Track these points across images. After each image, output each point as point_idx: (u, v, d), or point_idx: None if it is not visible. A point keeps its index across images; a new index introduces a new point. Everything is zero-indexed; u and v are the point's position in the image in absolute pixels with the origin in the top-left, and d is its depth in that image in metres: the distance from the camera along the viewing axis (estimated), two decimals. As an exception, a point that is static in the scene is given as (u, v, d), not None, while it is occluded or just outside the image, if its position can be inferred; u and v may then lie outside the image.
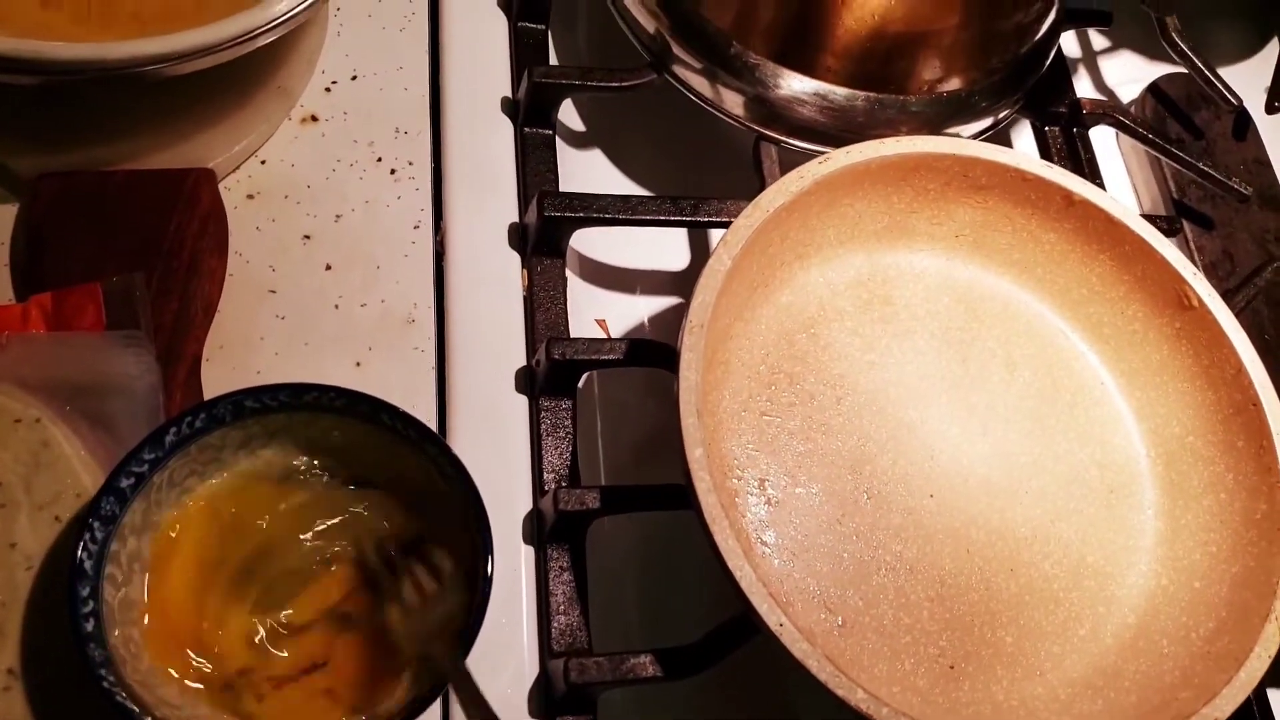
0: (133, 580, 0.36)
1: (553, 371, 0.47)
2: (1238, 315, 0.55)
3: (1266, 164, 0.65)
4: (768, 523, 0.45)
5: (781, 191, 0.46)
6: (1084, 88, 0.70)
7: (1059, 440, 0.49)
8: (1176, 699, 0.41)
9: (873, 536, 0.45)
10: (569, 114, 0.59)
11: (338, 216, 0.50)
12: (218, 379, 0.45)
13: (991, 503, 0.47)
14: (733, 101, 0.54)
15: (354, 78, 0.53)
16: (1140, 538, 0.48)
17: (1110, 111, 0.60)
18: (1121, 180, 0.67)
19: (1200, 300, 0.48)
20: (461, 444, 0.46)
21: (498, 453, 0.47)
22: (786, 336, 0.49)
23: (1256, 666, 0.41)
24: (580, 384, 0.51)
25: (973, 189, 0.50)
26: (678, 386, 0.41)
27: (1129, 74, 0.70)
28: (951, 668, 0.44)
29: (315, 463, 0.40)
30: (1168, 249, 0.49)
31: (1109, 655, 0.45)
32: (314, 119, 0.51)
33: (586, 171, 0.58)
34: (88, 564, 0.34)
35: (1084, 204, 0.49)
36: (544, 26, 0.58)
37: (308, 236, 0.49)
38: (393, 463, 0.40)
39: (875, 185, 0.49)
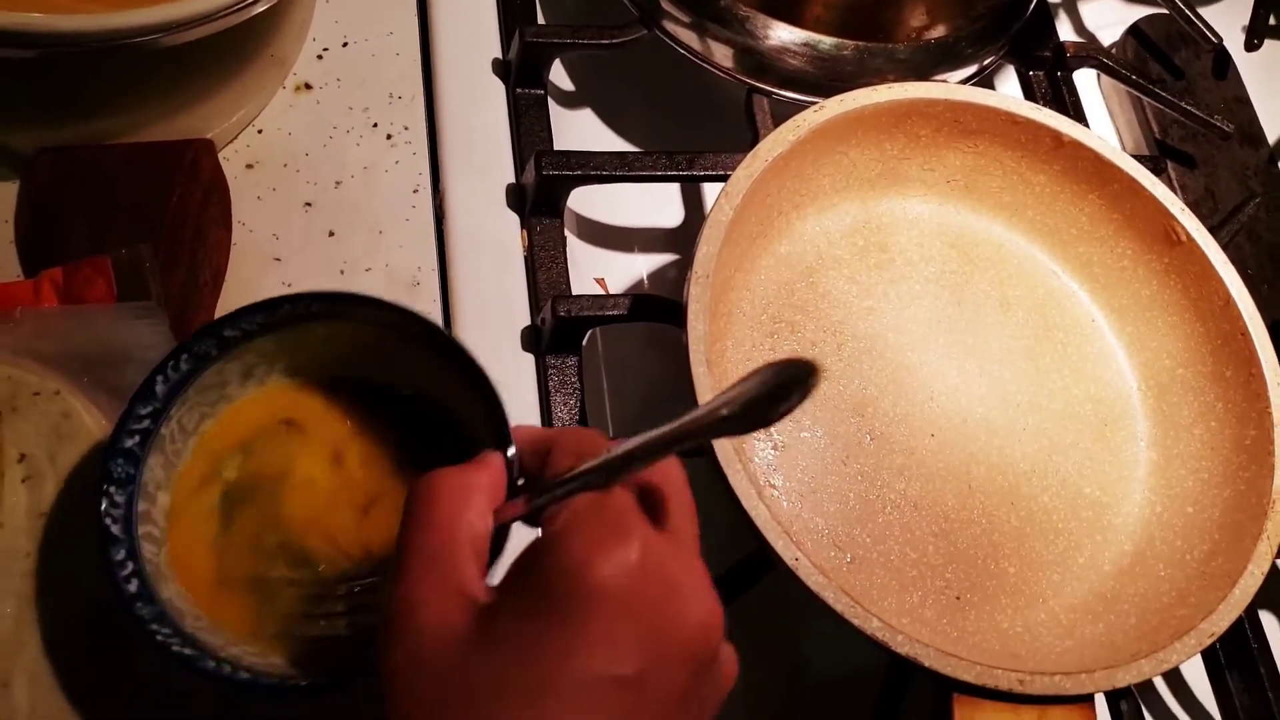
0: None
1: (559, 329, 0.48)
2: (1225, 248, 0.56)
3: (1246, 101, 0.66)
4: (775, 466, 0.46)
5: (779, 141, 0.46)
6: (1065, 31, 0.70)
7: (1053, 377, 0.51)
8: (1175, 617, 0.43)
9: (877, 476, 0.46)
10: (559, 74, 0.59)
11: (337, 183, 0.50)
12: (228, 348, 0.45)
13: (990, 440, 0.49)
14: (722, 54, 0.54)
15: (345, 44, 0.53)
16: (1134, 468, 0.50)
17: (1093, 54, 0.61)
18: (1104, 122, 0.67)
19: (1189, 235, 0.49)
20: (472, 403, 0.47)
21: (507, 411, 0.48)
22: (786, 286, 0.50)
23: (1250, 583, 0.42)
24: (584, 341, 0.51)
25: (963, 134, 0.51)
26: (686, 337, 0.42)
27: (1110, 17, 0.71)
28: (958, 598, 0.45)
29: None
30: (1155, 186, 0.50)
31: (1108, 581, 0.47)
32: (308, 87, 0.52)
33: (579, 131, 0.58)
34: (115, 528, 0.34)
35: (1073, 144, 0.50)
36: (532, -14, 0.58)
37: (309, 204, 0.49)
38: (395, 366, 0.39)
39: (868, 133, 0.49)
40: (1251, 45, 0.65)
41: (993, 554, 0.47)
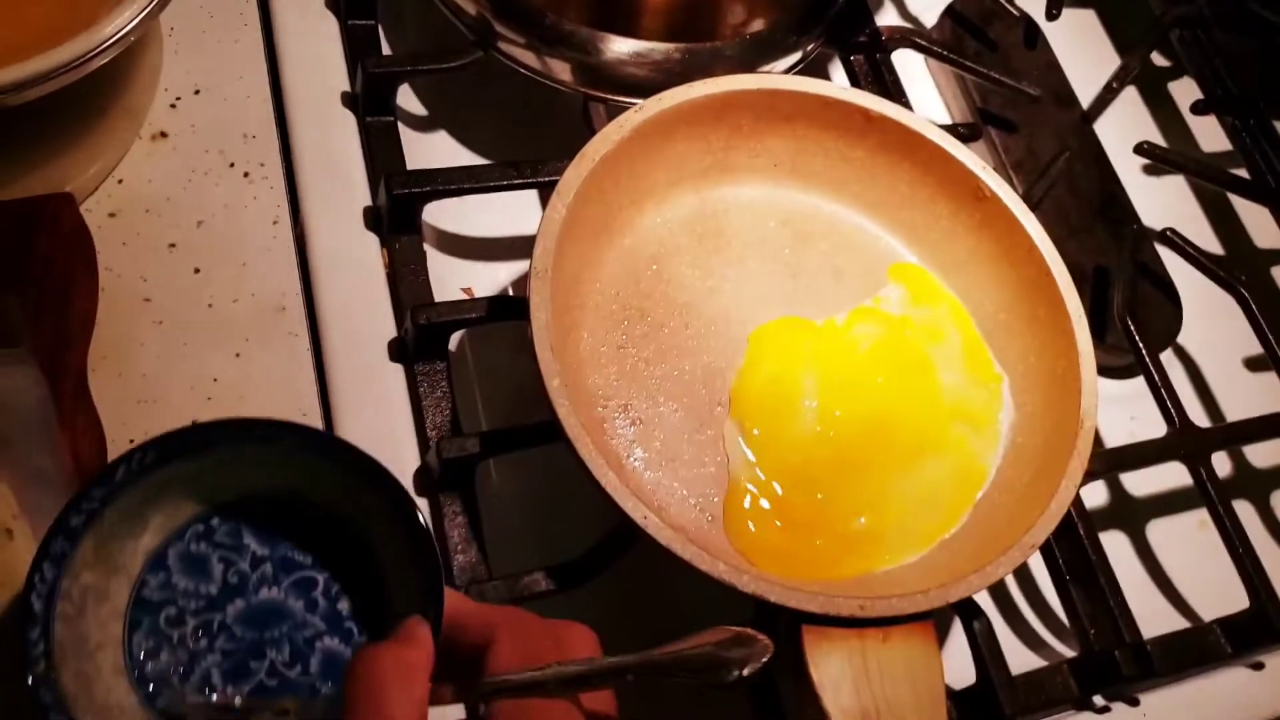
0: (85, 614, 0.36)
1: (421, 336, 0.51)
2: (1041, 201, 0.62)
3: (1056, 66, 0.72)
4: (634, 441, 0.49)
5: (605, 141, 0.50)
6: (891, 16, 0.76)
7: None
8: (1004, 537, 0.47)
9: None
10: (410, 99, 0.62)
11: (199, 223, 0.52)
12: (105, 386, 0.47)
13: (835, 397, 0.53)
14: (559, 69, 0.58)
15: (197, 92, 0.56)
16: (970, 408, 0.54)
17: (907, 35, 0.66)
18: (933, 97, 0.73)
19: (992, 191, 0.54)
20: (346, 417, 0.50)
21: (381, 420, 0.50)
22: (633, 275, 0.53)
23: (1064, 496, 0.47)
24: (453, 347, 0.55)
25: (781, 119, 0.55)
26: (530, 328, 0.45)
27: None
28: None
29: None
30: (959, 150, 0.55)
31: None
32: (164, 135, 0.54)
33: (435, 150, 0.61)
34: (37, 605, 0.34)
35: (880, 119, 0.55)
36: (373, 21, 0.61)
37: (173, 245, 0.52)
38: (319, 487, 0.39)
39: (692, 127, 0.53)
40: (1051, 15, 0.70)
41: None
